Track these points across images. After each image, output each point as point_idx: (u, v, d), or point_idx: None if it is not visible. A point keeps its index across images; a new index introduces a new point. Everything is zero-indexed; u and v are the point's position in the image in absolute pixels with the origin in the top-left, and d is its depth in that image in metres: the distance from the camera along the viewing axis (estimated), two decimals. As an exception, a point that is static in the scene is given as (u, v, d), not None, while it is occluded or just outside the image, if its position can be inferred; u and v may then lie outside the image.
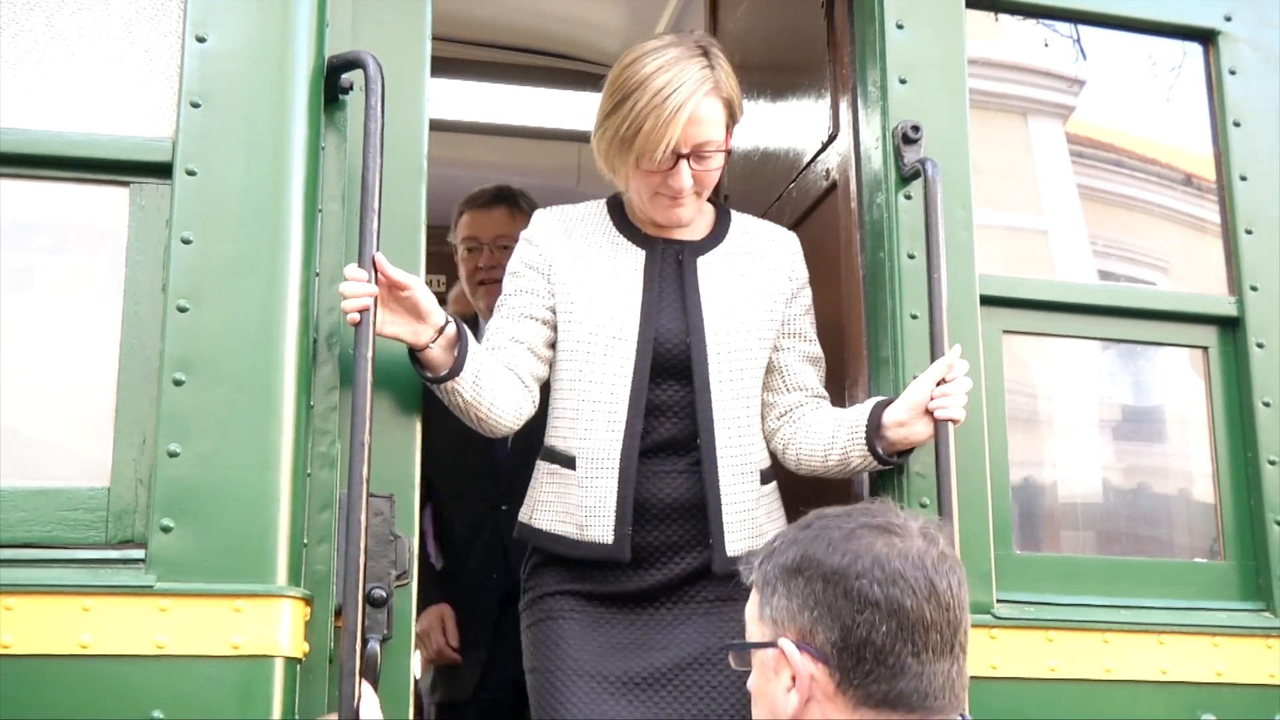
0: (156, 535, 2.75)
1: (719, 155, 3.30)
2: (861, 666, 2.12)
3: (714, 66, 3.25)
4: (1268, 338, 3.66)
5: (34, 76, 2.97)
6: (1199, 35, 3.87)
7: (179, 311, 2.84)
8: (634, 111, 3.19)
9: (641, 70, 3.21)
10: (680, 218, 3.37)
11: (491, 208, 4.78)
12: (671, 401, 3.32)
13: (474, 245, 4.76)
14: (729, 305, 3.37)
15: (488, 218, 4.77)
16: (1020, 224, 3.95)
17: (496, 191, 4.84)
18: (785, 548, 2.24)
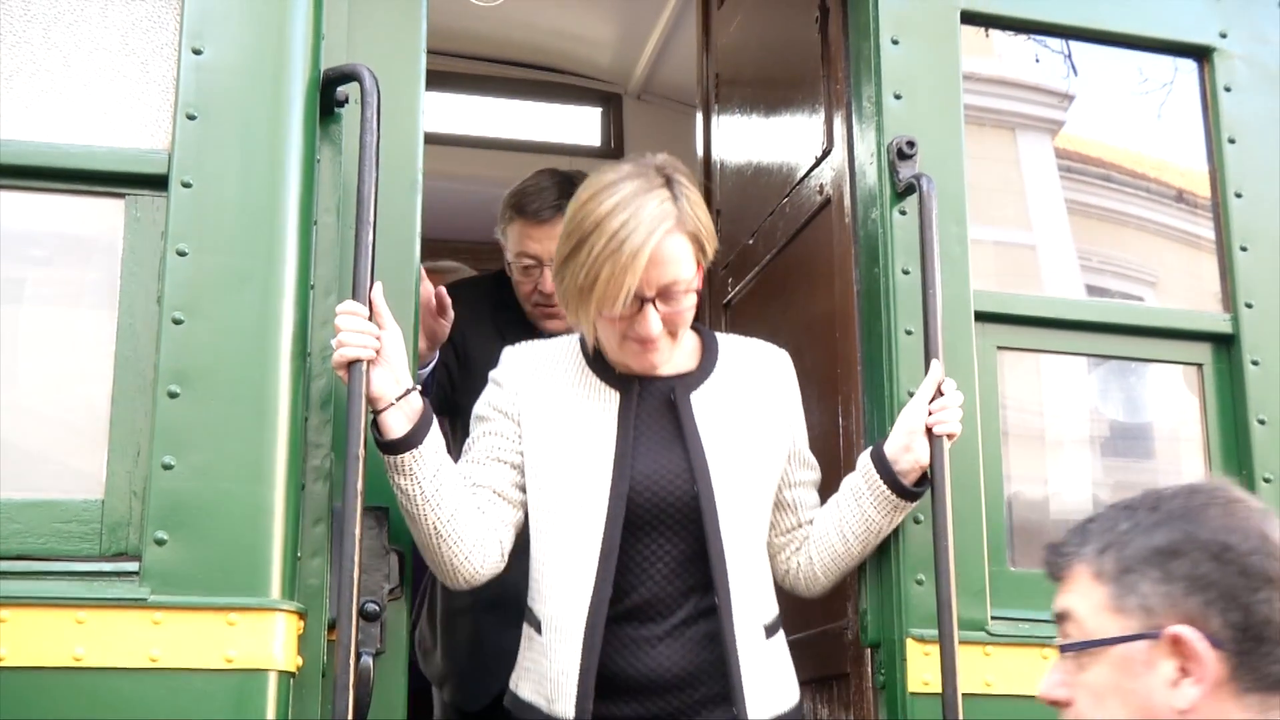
0: (150, 548, 2.74)
1: (690, 295, 3.03)
2: (1261, 648, 1.97)
3: (677, 197, 3.01)
4: (1263, 355, 3.67)
5: (30, 88, 2.97)
6: (1194, 52, 3.88)
7: (174, 324, 2.84)
8: (590, 258, 2.92)
9: (596, 210, 2.95)
10: (654, 364, 3.08)
11: (553, 222, 4.01)
12: (661, 555, 3.05)
13: (532, 265, 4.15)
14: (733, 444, 3.10)
15: (547, 234, 4.04)
16: (1012, 239, 3.95)
17: (558, 201, 4.02)
18: (1147, 530, 2.05)
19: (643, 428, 3.09)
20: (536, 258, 4.10)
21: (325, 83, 3.08)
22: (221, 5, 3.01)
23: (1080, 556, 2.10)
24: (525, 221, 4.12)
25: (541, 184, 4.15)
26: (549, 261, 3.87)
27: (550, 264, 3.76)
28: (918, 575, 3.26)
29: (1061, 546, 2.14)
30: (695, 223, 3.04)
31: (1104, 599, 2.05)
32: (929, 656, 3.17)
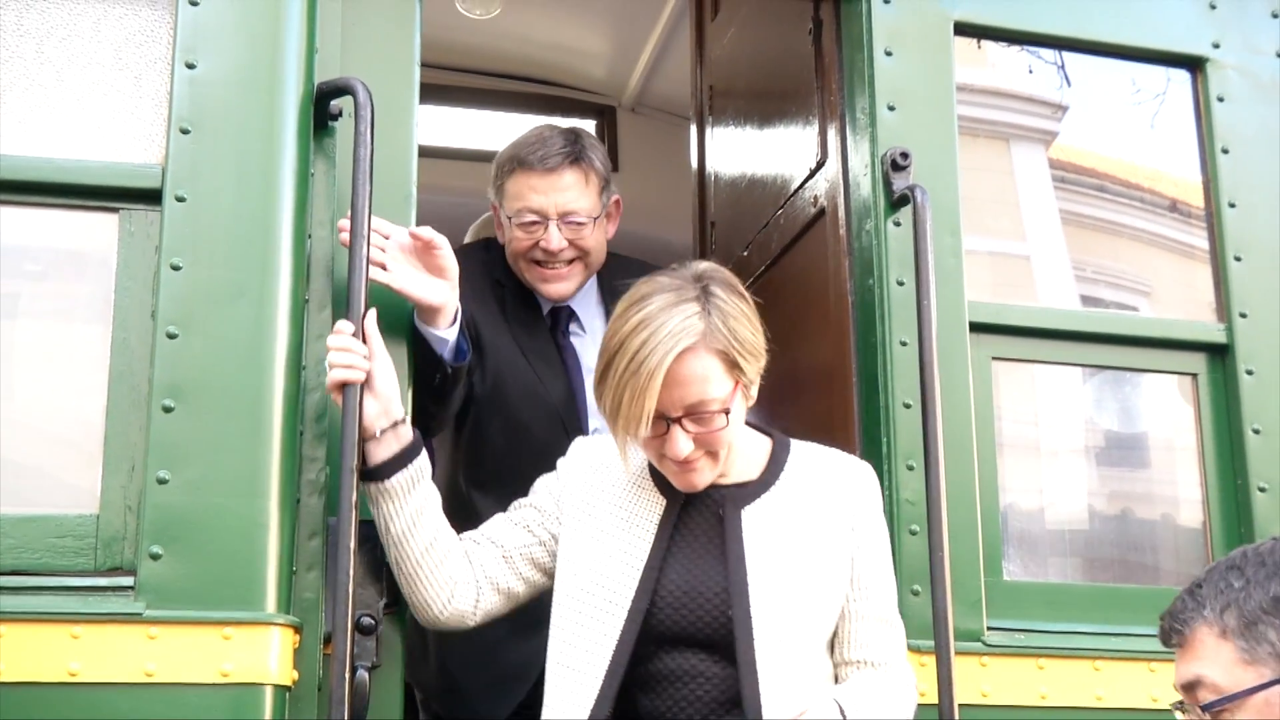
0: (145, 562, 2.74)
1: (721, 416, 2.80)
2: None
3: (708, 311, 2.78)
4: (1257, 365, 3.67)
5: (24, 103, 2.97)
6: (1187, 62, 3.89)
7: (168, 338, 2.84)
8: (614, 380, 2.76)
9: (623, 328, 2.79)
10: (694, 484, 2.87)
11: (559, 171, 3.75)
12: (695, 674, 2.83)
13: (535, 221, 3.76)
14: (783, 564, 2.86)
15: (553, 185, 3.75)
16: (1006, 250, 3.96)
17: (565, 146, 3.77)
18: (1261, 583, 2.21)
19: (685, 540, 2.90)
20: (540, 212, 3.73)
21: (319, 96, 3.08)
22: (215, 19, 3.01)
23: (1201, 619, 2.23)
24: (528, 172, 3.73)
25: (545, 134, 3.81)
26: (555, 217, 3.72)
27: (555, 219, 3.71)
28: (914, 586, 3.26)
29: (1179, 613, 2.29)
30: (726, 338, 2.79)
31: (1234, 654, 2.20)
32: (925, 667, 3.16)
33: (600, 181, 3.79)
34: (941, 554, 3.11)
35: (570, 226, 3.74)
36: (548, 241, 3.73)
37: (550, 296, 3.85)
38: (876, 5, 3.60)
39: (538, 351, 3.84)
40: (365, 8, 3.27)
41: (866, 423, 3.46)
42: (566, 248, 3.75)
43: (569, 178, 3.74)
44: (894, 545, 3.28)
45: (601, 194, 3.80)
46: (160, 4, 3.07)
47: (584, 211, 3.75)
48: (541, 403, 3.77)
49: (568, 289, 3.83)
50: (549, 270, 3.80)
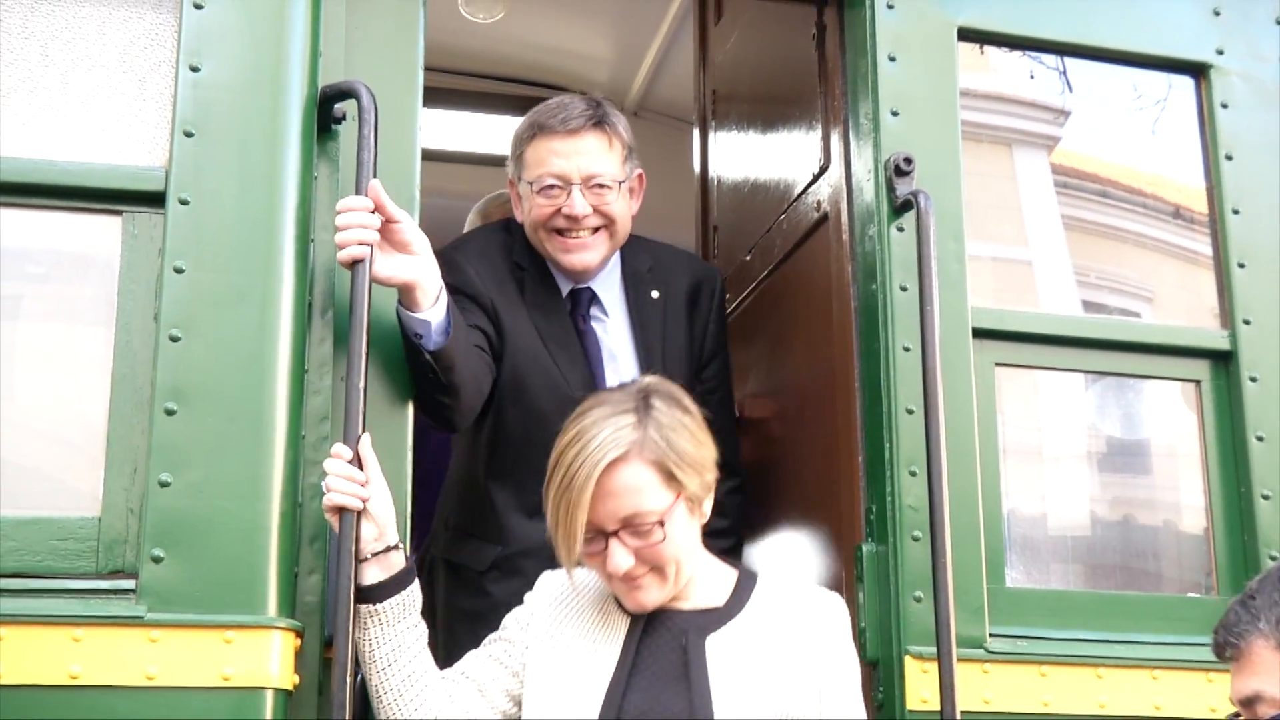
0: (147, 565, 2.74)
1: (658, 529, 2.69)
2: None
3: (644, 423, 2.71)
4: (1261, 372, 3.66)
5: (28, 105, 2.97)
6: (1191, 68, 3.88)
7: (171, 341, 2.84)
8: (552, 497, 2.70)
9: (562, 441, 2.74)
10: (642, 603, 2.77)
11: (581, 134, 3.60)
12: None
13: (556, 186, 3.59)
14: (748, 694, 2.72)
15: (575, 149, 3.60)
16: (1009, 255, 3.95)
17: (588, 109, 3.64)
18: None
19: (649, 666, 2.77)
20: (563, 177, 3.57)
21: (323, 100, 3.08)
22: (219, 23, 3.02)
23: (1257, 631, 2.28)
24: (549, 135, 3.58)
25: (565, 100, 3.69)
26: (578, 181, 3.56)
27: (580, 183, 3.56)
28: (915, 592, 3.25)
29: (1233, 626, 2.32)
30: (662, 449, 2.70)
31: None
32: (927, 674, 3.16)
33: (624, 149, 3.65)
34: (944, 560, 3.10)
35: (594, 191, 3.57)
36: (571, 207, 3.56)
37: (572, 268, 3.66)
38: (880, 10, 3.60)
39: (557, 338, 3.67)
40: (369, 11, 3.27)
41: (869, 428, 3.45)
42: (590, 214, 3.57)
43: (592, 140, 3.59)
44: (896, 552, 3.28)
45: (626, 162, 3.65)
46: (165, 7, 3.07)
47: (608, 175, 3.58)
48: (560, 392, 3.52)
49: (591, 259, 3.64)
50: (572, 239, 3.61)
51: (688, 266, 3.92)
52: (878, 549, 3.35)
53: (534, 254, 3.71)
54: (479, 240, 3.83)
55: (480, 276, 3.61)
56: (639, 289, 3.78)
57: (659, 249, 3.91)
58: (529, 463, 3.38)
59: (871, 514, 3.40)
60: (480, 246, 3.75)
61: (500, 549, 3.55)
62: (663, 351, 3.70)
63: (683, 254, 4.04)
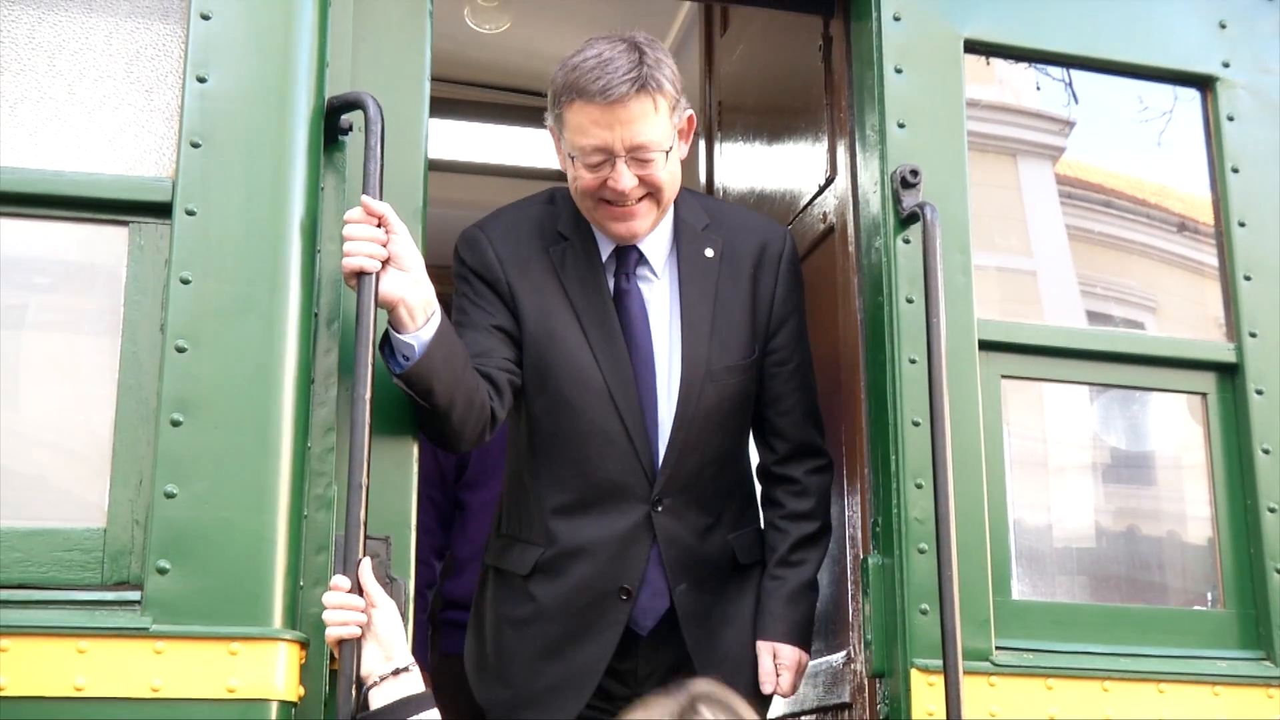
0: (153, 577, 2.73)
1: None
2: None
3: None
4: (1267, 384, 3.66)
5: (35, 116, 2.97)
6: (1197, 81, 3.88)
7: (177, 352, 2.84)
8: None
9: None
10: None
11: (624, 101, 3.27)
12: None
13: (601, 160, 3.32)
14: None
15: (618, 117, 3.28)
16: (1013, 265, 3.95)
17: (630, 70, 3.27)
18: None
19: None
20: (606, 149, 3.30)
21: (329, 110, 3.08)
22: (226, 33, 3.02)
23: None
24: (589, 103, 3.27)
25: (605, 55, 3.29)
26: (622, 152, 3.29)
27: (625, 154, 3.28)
28: (922, 605, 3.24)
29: None
30: None
31: None
32: (933, 687, 3.15)
33: (671, 102, 3.33)
34: (950, 573, 3.10)
35: (640, 162, 3.31)
36: (617, 180, 3.30)
37: (620, 237, 3.45)
38: (887, 22, 3.59)
39: (593, 315, 3.44)
40: (376, 22, 3.28)
41: (875, 440, 3.45)
42: (637, 185, 3.33)
43: (636, 107, 3.27)
44: (902, 564, 3.27)
45: (674, 113, 3.36)
46: (172, 18, 3.07)
47: (655, 144, 3.31)
48: (585, 376, 3.39)
49: (641, 227, 3.41)
50: (619, 209, 3.37)
51: (750, 225, 3.63)
52: (884, 561, 3.35)
53: (579, 220, 3.51)
54: (509, 216, 3.59)
55: (500, 259, 3.44)
56: (692, 246, 3.52)
57: (719, 206, 3.75)
58: (565, 455, 3.41)
59: (877, 526, 3.40)
60: (509, 223, 3.55)
61: (542, 550, 3.41)
62: (712, 315, 3.46)
63: (745, 212, 3.84)
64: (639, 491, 3.39)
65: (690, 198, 3.60)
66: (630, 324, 3.46)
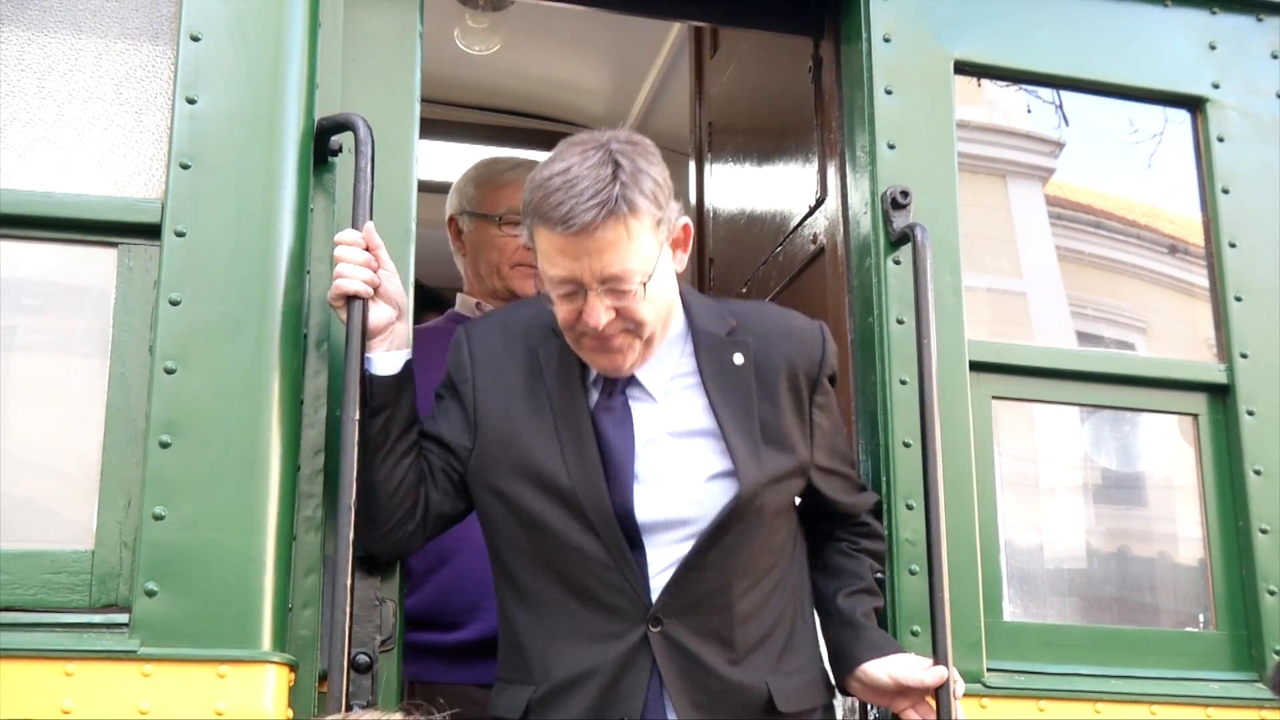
0: (140, 599, 2.72)
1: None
2: None
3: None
4: (1258, 405, 3.66)
5: (24, 137, 2.97)
6: (1187, 102, 3.88)
7: (166, 373, 2.83)
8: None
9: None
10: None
11: (590, 231, 2.84)
12: None
13: (571, 289, 2.87)
14: None
15: (585, 246, 2.84)
16: (1003, 286, 3.95)
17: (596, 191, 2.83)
18: None
19: None
20: (574, 280, 2.88)
21: (319, 132, 3.08)
22: (216, 55, 3.02)
23: None
24: (551, 231, 2.84)
25: (570, 176, 2.84)
26: (594, 284, 2.87)
27: (596, 286, 2.87)
28: (913, 627, 3.24)
29: None
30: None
31: None
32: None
33: (653, 219, 2.90)
34: (941, 595, 3.08)
35: (615, 294, 2.89)
36: (590, 314, 2.88)
37: (606, 371, 3.03)
38: (877, 44, 3.60)
39: (570, 420, 3.03)
40: (366, 44, 3.28)
41: (866, 461, 3.44)
42: (614, 319, 2.90)
43: (605, 235, 2.83)
44: (894, 586, 3.27)
45: (658, 230, 2.92)
46: (162, 39, 3.07)
47: (630, 274, 2.87)
48: (561, 484, 2.97)
49: (626, 362, 2.99)
50: (598, 341, 2.95)
51: (783, 326, 3.19)
52: (875, 583, 3.34)
53: None
54: (499, 315, 3.30)
55: (473, 358, 3.11)
56: (716, 357, 3.08)
57: (744, 308, 3.26)
58: (544, 573, 3.01)
59: (872, 544, 3.39)
60: (497, 322, 3.22)
61: (533, 690, 2.98)
62: (760, 429, 3.03)
63: (776, 312, 3.33)
64: (632, 611, 2.94)
65: (707, 302, 3.20)
66: (605, 433, 3.02)
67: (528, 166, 3.82)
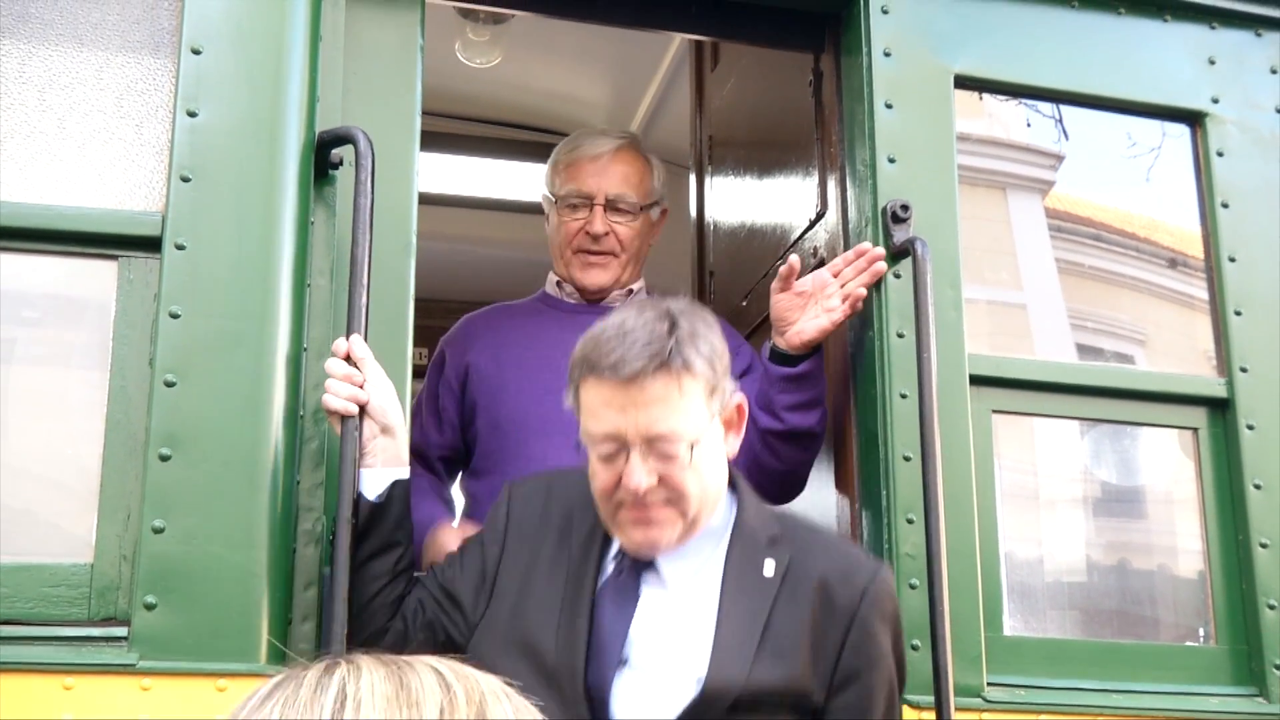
0: (140, 612, 2.72)
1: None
2: None
3: None
4: (1258, 420, 3.65)
5: (25, 150, 2.97)
6: (1186, 117, 3.89)
7: (166, 386, 2.83)
8: None
9: None
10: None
11: (642, 380, 2.66)
12: None
13: (614, 448, 2.69)
14: None
15: (633, 397, 2.67)
16: (1003, 298, 3.95)
17: (654, 342, 2.69)
18: None
19: None
20: (620, 437, 2.70)
21: (320, 145, 3.08)
22: (216, 67, 3.02)
23: None
24: (600, 380, 2.70)
25: (626, 323, 2.74)
26: (637, 441, 2.69)
27: (639, 444, 2.68)
28: (913, 641, 3.23)
29: None
30: None
31: None
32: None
33: (708, 385, 2.74)
34: (942, 609, 3.08)
35: (660, 458, 2.71)
36: (629, 476, 2.69)
37: (637, 547, 2.79)
38: (877, 58, 3.60)
39: (572, 593, 2.83)
40: (367, 57, 3.28)
41: (866, 475, 3.44)
42: (656, 485, 2.71)
43: (655, 388, 2.68)
44: (894, 599, 3.27)
45: (711, 399, 2.75)
46: (162, 52, 3.07)
47: (677, 434, 2.70)
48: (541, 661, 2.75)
49: (662, 538, 2.76)
50: (636, 511, 2.75)
51: (833, 551, 2.89)
52: (875, 597, 3.33)
53: None
54: (552, 476, 3.09)
55: (510, 519, 2.97)
56: (748, 558, 2.82)
57: (798, 524, 2.97)
58: None
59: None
60: (547, 482, 3.05)
61: None
62: (758, 638, 2.72)
63: (833, 538, 3.21)
64: None
65: (761, 506, 2.94)
66: (603, 612, 2.80)
67: (595, 147, 3.87)
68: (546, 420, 3.54)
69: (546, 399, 3.43)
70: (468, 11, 5.57)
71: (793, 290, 3.42)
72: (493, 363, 3.79)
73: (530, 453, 3.59)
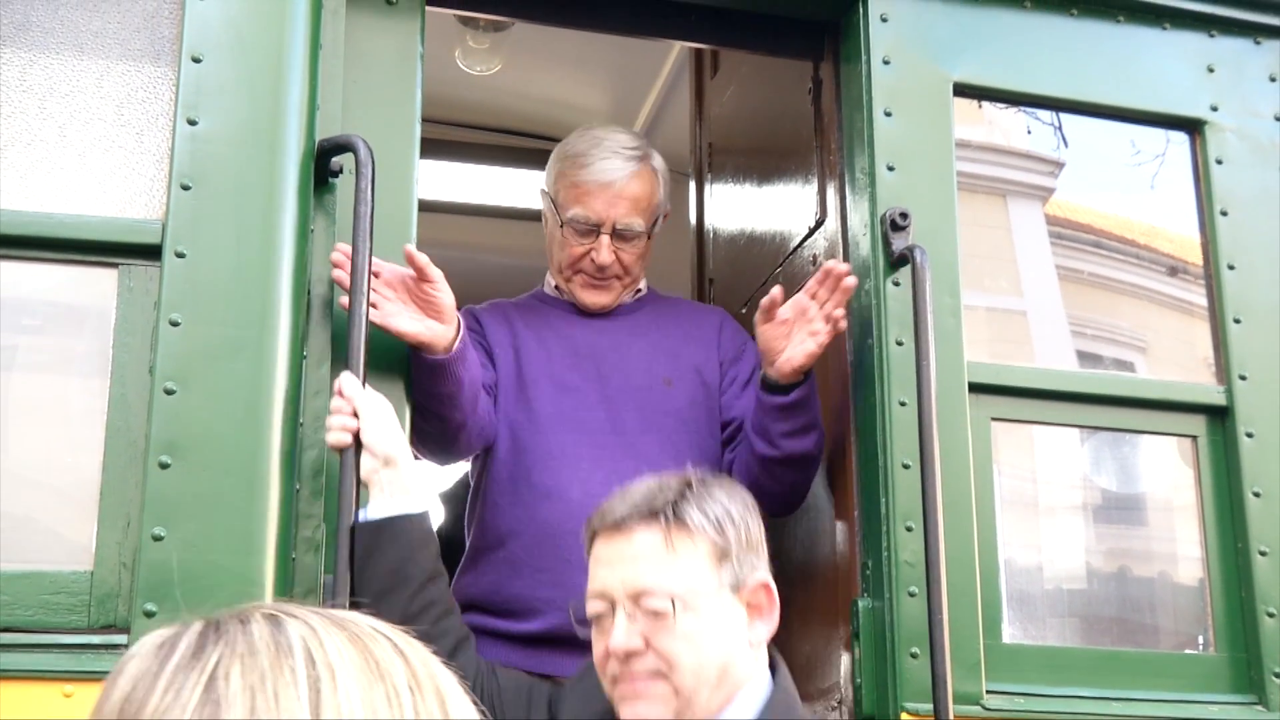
0: (139, 620, 2.71)
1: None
2: None
3: None
4: (1257, 427, 3.66)
5: (26, 158, 2.97)
6: (1185, 124, 3.89)
7: (166, 394, 2.83)
8: None
9: None
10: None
11: (625, 532, 2.62)
12: None
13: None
14: None
15: (619, 553, 2.63)
16: (1003, 305, 3.95)
17: (643, 499, 2.65)
18: None
19: None
20: (603, 595, 2.65)
21: (320, 153, 3.08)
22: (217, 76, 3.02)
23: None
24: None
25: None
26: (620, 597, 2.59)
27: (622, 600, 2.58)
28: (912, 648, 3.23)
29: None
30: None
31: None
32: (924, 731, 3.14)
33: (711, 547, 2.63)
34: (941, 616, 3.08)
35: (647, 615, 2.58)
36: (615, 635, 2.58)
37: None
38: (876, 66, 3.60)
39: None
40: (367, 65, 3.29)
41: (865, 483, 3.44)
42: (640, 648, 2.58)
43: (642, 540, 2.62)
44: (893, 607, 3.26)
45: (719, 566, 2.62)
46: (163, 61, 3.07)
47: (664, 591, 2.58)
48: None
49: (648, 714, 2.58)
50: (623, 686, 2.61)
51: None
52: (874, 604, 3.33)
53: None
54: None
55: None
56: None
57: None
58: None
59: (867, 569, 3.38)
60: None
61: None
62: None
63: None
64: None
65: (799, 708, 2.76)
66: None
67: (607, 172, 3.70)
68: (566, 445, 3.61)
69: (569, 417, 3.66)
70: (468, 19, 5.56)
71: (776, 320, 3.42)
72: (513, 363, 3.75)
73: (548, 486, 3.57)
